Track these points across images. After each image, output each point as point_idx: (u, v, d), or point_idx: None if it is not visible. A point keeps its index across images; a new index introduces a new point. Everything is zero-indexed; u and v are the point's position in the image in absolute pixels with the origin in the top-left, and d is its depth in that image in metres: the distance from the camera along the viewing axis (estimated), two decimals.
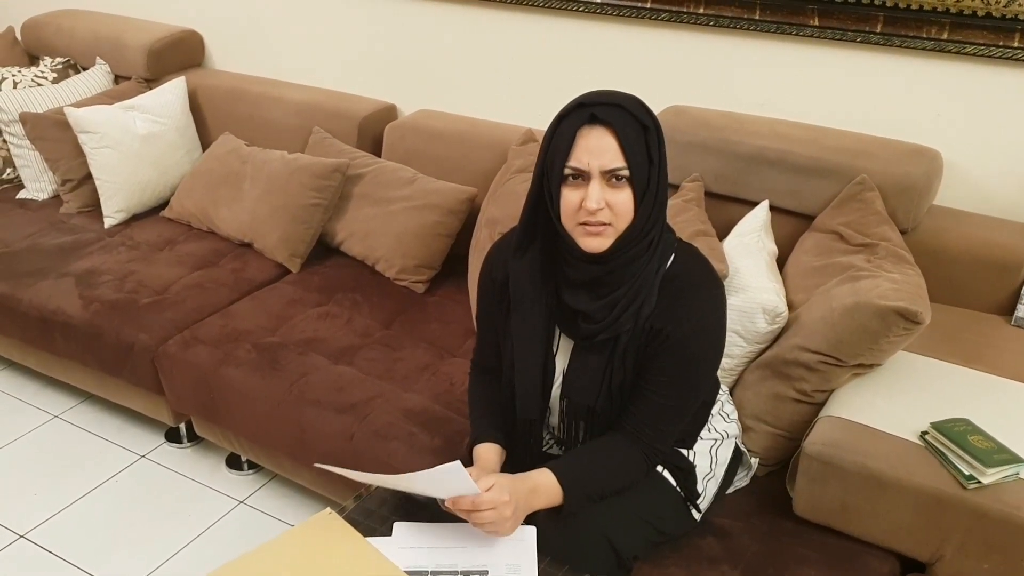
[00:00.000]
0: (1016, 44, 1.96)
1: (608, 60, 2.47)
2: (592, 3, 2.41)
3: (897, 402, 1.66)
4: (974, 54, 2.00)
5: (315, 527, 1.40)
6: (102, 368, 2.38)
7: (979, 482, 1.45)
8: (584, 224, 1.31)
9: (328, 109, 2.82)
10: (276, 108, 2.88)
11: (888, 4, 2.04)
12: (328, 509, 1.44)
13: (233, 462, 2.43)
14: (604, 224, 1.31)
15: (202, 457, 2.47)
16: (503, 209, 2.18)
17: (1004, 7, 1.94)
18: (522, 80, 2.65)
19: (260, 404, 2.06)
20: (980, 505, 1.44)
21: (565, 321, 1.44)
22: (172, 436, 2.54)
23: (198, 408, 2.23)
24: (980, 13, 1.96)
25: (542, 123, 2.41)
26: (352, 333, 2.26)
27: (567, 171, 1.29)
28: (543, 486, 1.39)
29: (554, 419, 1.55)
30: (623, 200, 1.30)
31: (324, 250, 2.64)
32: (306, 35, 3.01)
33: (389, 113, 2.87)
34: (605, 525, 1.44)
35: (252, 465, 2.41)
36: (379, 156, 2.73)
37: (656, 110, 2.32)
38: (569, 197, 1.31)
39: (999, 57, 1.98)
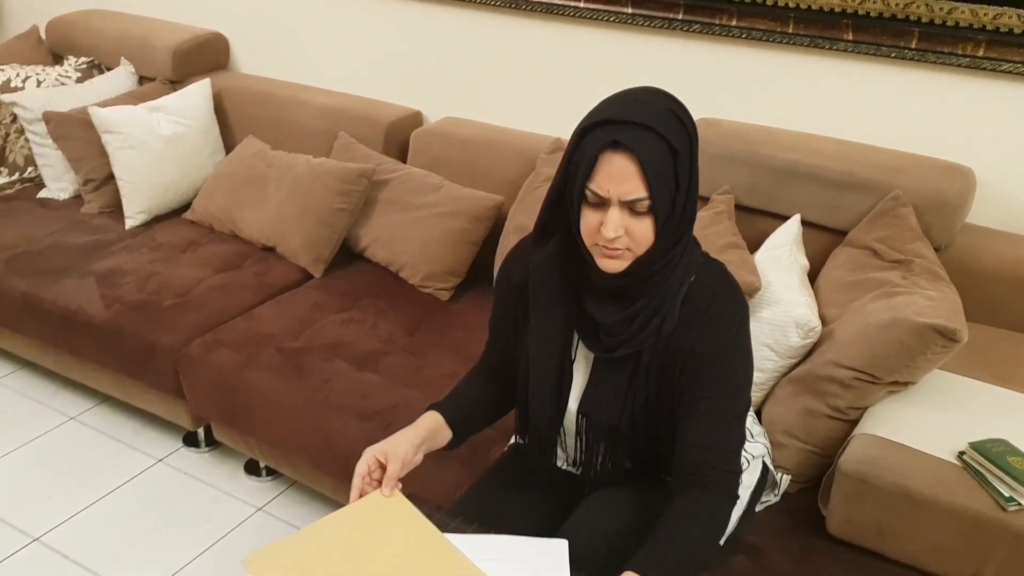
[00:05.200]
0: None
1: (639, 71, 2.46)
2: (623, 13, 2.40)
3: (933, 421, 1.64)
4: (1010, 71, 1.98)
5: (373, 504, 1.36)
6: (122, 369, 2.37)
7: (1020, 504, 1.42)
8: (600, 245, 1.27)
9: (354, 114, 2.82)
10: (301, 112, 2.87)
11: (923, 20, 2.03)
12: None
13: (252, 468, 2.41)
14: (621, 249, 1.26)
15: (220, 462, 2.45)
16: (531, 217, 2.14)
17: None
18: (550, 89, 2.64)
19: (283, 409, 2.04)
20: (1019, 527, 1.42)
21: (585, 331, 1.40)
22: (190, 440, 2.52)
23: (219, 412, 2.21)
24: (1017, 31, 1.95)
25: (570, 132, 2.44)
26: (376, 339, 2.24)
27: (587, 193, 1.24)
28: None
29: (570, 438, 1.51)
30: (643, 229, 1.24)
31: (347, 255, 2.62)
32: (331, 40, 3.00)
33: (415, 120, 2.87)
34: (628, 540, 1.41)
35: (271, 471, 2.39)
36: (404, 162, 2.72)
37: None
38: (589, 218, 1.26)
39: None
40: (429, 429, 1.48)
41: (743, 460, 1.58)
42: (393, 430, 1.90)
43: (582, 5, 2.46)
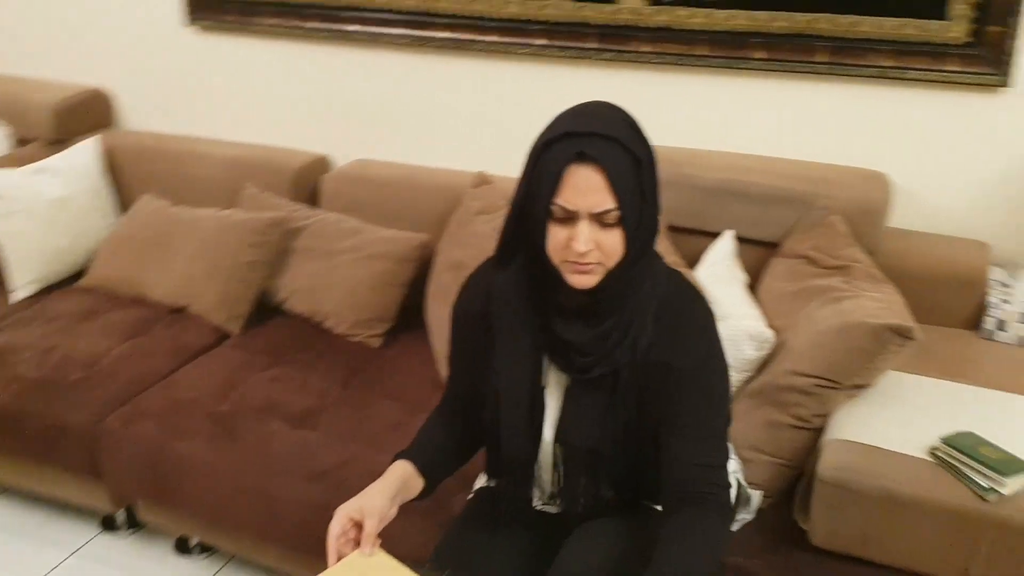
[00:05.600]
0: (949, 68, 2.03)
1: (555, 102, 2.40)
2: (535, 44, 2.39)
3: (897, 421, 1.65)
4: (915, 79, 2.07)
5: (355, 565, 1.26)
6: (25, 456, 2.15)
7: (999, 493, 1.44)
8: (570, 261, 1.23)
9: (257, 163, 2.70)
10: (200, 165, 2.73)
11: (830, 35, 2.10)
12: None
13: (182, 547, 2.21)
14: (592, 264, 1.23)
15: (146, 546, 2.24)
16: (468, 251, 2.11)
17: (941, 34, 2.01)
18: (465, 125, 2.59)
19: (219, 478, 1.89)
20: (1004, 517, 1.44)
21: (556, 353, 1.35)
22: (109, 525, 2.30)
23: (144, 489, 2.03)
24: (919, 40, 2.04)
25: (485, 166, 2.40)
26: (310, 395, 2.12)
27: (554, 208, 1.20)
28: None
29: (545, 473, 1.44)
30: (612, 241, 1.21)
31: (265, 310, 2.48)
32: (224, 89, 2.88)
33: (321, 165, 2.77)
34: (619, 568, 1.35)
35: (204, 548, 2.20)
36: (317, 208, 2.62)
37: None
38: (557, 234, 1.22)
39: (938, 81, 2.05)
40: (401, 479, 1.39)
41: None
42: (345, 489, 1.79)
43: (492, 39, 2.43)
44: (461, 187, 2.42)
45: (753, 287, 2.05)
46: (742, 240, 2.11)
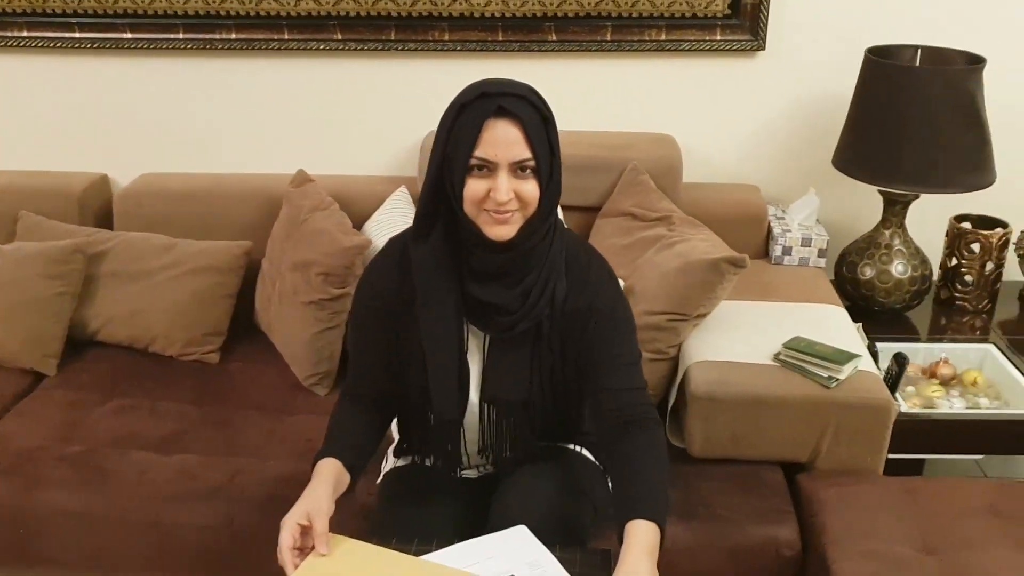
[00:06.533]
0: (715, 38, 2.36)
1: (361, 95, 2.48)
2: (334, 40, 2.41)
3: (737, 339, 1.92)
4: (688, 49, 2.37)
5: (321, 564, 1.25)
6: None
7: (838, 380, 1.74)
8: (490, 212, 1.31)
9: (31, 191, 2.48)
10: None
11: (614, 15, 2.34)
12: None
13: None
14: (511, 211, 1.32)
15: None
16: (314, 248, 2.10)
17: (705, 8, 2.32)
18: (267, 127, 2.55)
19: (96, 520, 1.75)
20: (843, 399, 1.74)
21: (475, 316, 1.43)
22: None
23: (2, 554, 1.82)
24: (688, 15, 2.33)
25: (291, 167, 2.38)
26: (165, 421, 2.00)
27: (473, 162, 1.29)
28: (643, 540, 1.27)
29: (471, 432, 1.52)
30: (530, 189, 1.32)
31: (77, 345, 2.29)
32: None
33: (103, 184, 2.59)
34: (558, 506, 1.47)
35: None
36: (111, 230, 2.45)
37: (416, 140, 2.40)
38: (475, 186, 1.30)
39: (706, 50, 2.36)
40: (334, 476, 1.39)
41: None
42: (245, 500, 1.77)
43: (287, 37, 2.42)
44: (275, 189, 2.38)
45: None
46: (566, 207, 2.29)
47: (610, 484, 1.49)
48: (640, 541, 1.26)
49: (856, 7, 2.29)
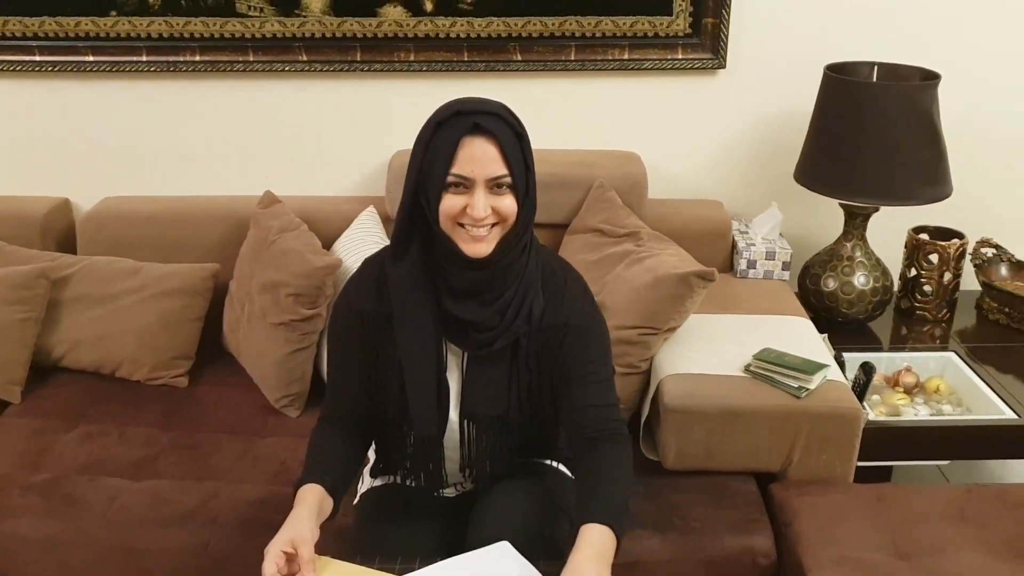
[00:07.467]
0: (676, 57, 2.40)
1: (328, 116, 2.49)
2: (299, 61, 2.41)
3: (707, 351, 1.95)
4: (651, 68, 2.41)
5: None
6: None
7: (808, 390, 1.77)
8: (467, 227, 1.32)
9: None
10: None
11: (577, 35, 2.38)
12: None
13: None
14: (488, 227, 1.33)
15: None
16: (283, 269, 2.09)
17: (667, 27, 2.37)
18: (225, 150, 2.54)
19: (69, 548, 1.72)
20: (813, 408, 1.77)
21: (453, 333, 1.43)
22: None
23: None
24: (650, 35, 2.38)
25: (257, 188, 2.37)
26: (135, 446, 1.97)
27: (451, 179, 1.31)
28: (594, 544, 1.29)
29: (450, 450, 1.52)
30: (508, 204, 1.34)
31: (41, 371, 2.25)
32: None
33: (65, 208, 2.56)
34: (535, 522, 1.48)
35: None
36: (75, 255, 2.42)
37: (383, 159, 2.40)
38: (451, 202, 1.31)
39: (668, 69, 2.41)
40: (317, 502, 1.39)
41: None
42: (220, 525, 1.76)
43: (253, 59, 2.42)
44: (242, 211, 2.37)
45: None
46: (534, 225, 2.31)
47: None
48: (591, 544, 1.28)
49: (814, 25, 2.35)
